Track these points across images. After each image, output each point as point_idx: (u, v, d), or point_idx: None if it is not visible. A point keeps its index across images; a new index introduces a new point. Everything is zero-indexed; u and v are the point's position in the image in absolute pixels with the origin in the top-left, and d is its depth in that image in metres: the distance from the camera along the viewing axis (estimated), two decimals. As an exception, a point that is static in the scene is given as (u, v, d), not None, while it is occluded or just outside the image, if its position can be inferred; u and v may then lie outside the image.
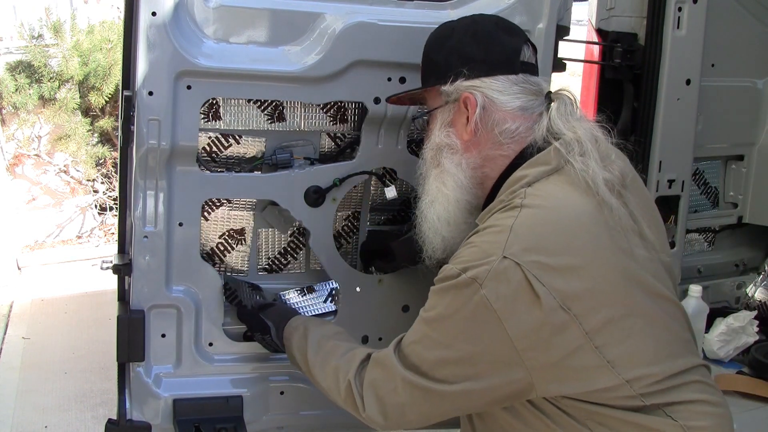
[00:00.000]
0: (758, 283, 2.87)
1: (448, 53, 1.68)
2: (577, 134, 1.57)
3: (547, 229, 1.48)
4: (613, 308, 1.46)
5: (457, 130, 1.66)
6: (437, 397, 1.53)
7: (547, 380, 1.47)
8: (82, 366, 4.33)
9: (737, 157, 2.79)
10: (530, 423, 1.54)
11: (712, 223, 2.84)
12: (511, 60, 1.64)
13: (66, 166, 6.58)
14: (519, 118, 1.62)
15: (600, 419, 1.49)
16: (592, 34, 2.54)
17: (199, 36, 1.84)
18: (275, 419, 2.13)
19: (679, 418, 1.48)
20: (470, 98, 1.62)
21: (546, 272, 1.42)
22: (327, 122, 2.06)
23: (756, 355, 2.46)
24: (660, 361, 1.50)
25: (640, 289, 1.51)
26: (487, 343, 1.45)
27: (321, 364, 1.76)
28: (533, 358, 1.44)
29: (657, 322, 1.53)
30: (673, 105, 2.44)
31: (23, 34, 6.16)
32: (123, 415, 2.00)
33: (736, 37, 2.61)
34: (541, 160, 1.57)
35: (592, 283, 1.45)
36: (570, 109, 1.63)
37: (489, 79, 1.62)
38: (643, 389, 1.47)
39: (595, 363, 1.45)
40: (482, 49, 1.65)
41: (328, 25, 1.89)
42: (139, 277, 1.95)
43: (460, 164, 1.65)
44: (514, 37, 1.68)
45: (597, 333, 1.44)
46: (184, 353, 2.03)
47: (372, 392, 1.61)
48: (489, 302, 1.42)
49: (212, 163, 2.04)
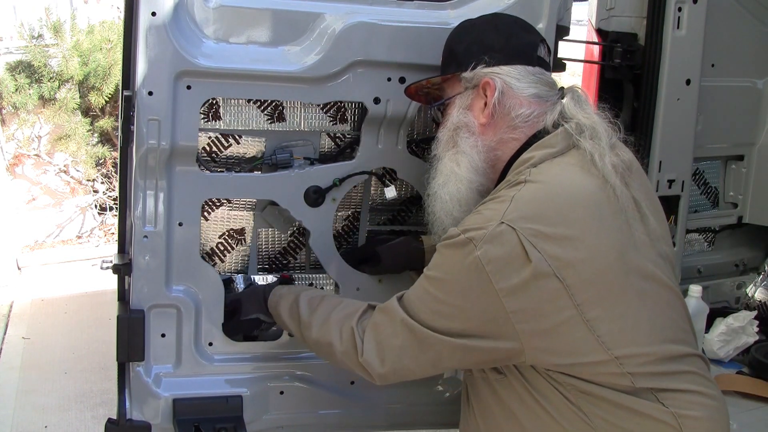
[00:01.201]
0: (758, 283, 2.87)
1: (470, 43, 1.76)
2: (591, 120, 1.66)
3: (546, 200, 1.54)
4: (608, 284, 1.51)
5: (474, 114, 1.73)
6: (432, 345, 1.59)
7: (536, 347, 1.51)
8: (82, 366, 4.33)
9: (737, 157, 2.79)
10: (525, 401, 1.60)
11: (712, 223, 2.84)
12: (529, 52, 1.73)
13: (66, 166, 6.58)
14: (534, 104, 1.70)
15: (591, 401, 1.52)
16: (592, 34, 2.54)
17: (199, 36, 1.84)
18: (275, 419, 2.13)
19: (670, 405, 1.51)
20: (490, 83, 1.70)
21: (541, 239, 1.47)
22: (327, 122, 2.06)
23: (756, 355, 2.46)
24: (653, 343, 1.53)
25: (638, 271, 1.55)
26: (478, 302, 1.52)
27: (319, 320, 1.79)
28: (523, 322, 1.49)
29: (653, 305, 1.56)
30: (673, 105, 2.44)
31: (23, 34, 6.16)
32: (123, 415, 2.00)
33: (736, 37, 2.61)
34: (547, 143, 1.64)
35: (587, 255, 1.49)
36: (584, 99, 1.73)
37: (508, 67, 1.71)
38: (633, 368, 1.50)
39: (584, 336, 1.49)
40: (503, 39, 1.74)
41: (328, 25, 1.89)
42: (139, 277, 1.95)
43: (476, 145, 1.71)
44: (532, 35, 1.78)
45: (589, 306, 1.48)
46: (184, 353, 2.03)
47: (372, 335, 1.68)
48: (482, 263, 1.49)
49: (212, 163, 2.04)
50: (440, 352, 1.60)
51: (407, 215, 2.26)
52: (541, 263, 1.46)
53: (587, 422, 1.53)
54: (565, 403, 1.55)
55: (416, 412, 2.25)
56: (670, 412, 1.50)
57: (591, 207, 1.54)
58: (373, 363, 1.67)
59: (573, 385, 1.54)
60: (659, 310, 1.57)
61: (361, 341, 1.69)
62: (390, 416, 2.24)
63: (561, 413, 1.56)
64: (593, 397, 1.53)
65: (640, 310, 1.53)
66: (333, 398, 2.15)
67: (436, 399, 2.26)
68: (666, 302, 1.60)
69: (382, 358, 1.66)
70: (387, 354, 1.65)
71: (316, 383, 2.14)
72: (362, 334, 1.69)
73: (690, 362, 1.58)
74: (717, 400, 1.59)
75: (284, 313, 1.89)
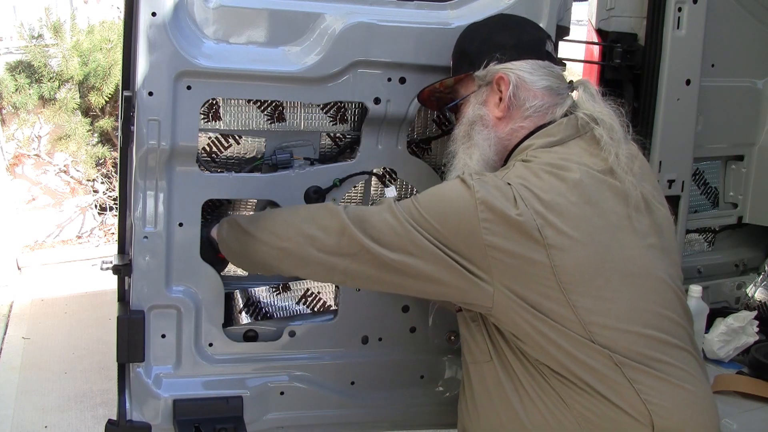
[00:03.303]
0: (758, 283, 2.87)
1: (481, 42, 1.82)
2: (603, 111, 1.72)
3: (543, 174, 1.60)
4: (589, 261, 1.55)
5: (489, 108, 1.78)
6: (410, 236, 1.60)
7: (505, 286, 1.56)
8: (82, 366, 4.33)
9: (737, 158, 2.79)
10: (507, 386, 1.66)
11: (712, 223, 2.83)
12: (538, 47, 1.80)
13: (66, 166, 6.58)
14: (546, 96, 1.75)
15: (568, 384, 1.57)
16: (592, 34, 2.54)
17: (199, 36, 1.84)
18: (275, 419, 2.13)
19: (644, 393, 1.53)
20: (504, 78, 1.75)
21: (533, 198, 1.55)
22: (327, 122, 2.06)
23: (756, 355, 2.45)
24: (630, 322, 1.56)
25: (627, 258, 1.59)
26: (458, 226, 1.57)
27: (273, 223, 1.77)
28: (496, 258, 1.55)
29: (636, 290, 1.58)
30: (673, 105, 2.44)
31: (23, 34, 6.16)
32: (123, 416, 2.00)
33: (736, 37, 2.60)
34: (549, 131, 1.70)
35: (572, 229, 1.54)
36: (595, 92, 1.78)
37: (519, 62, 1.76)
38: (604, 340, 1.54)
39: (557, 298, 1.54)
40: (513, 36, 1.80)
41: (328, 26, 1.89)
42: (139, 278, 1.95)
43: (489, 138, 1.77)
44: (540, 31, 1.86)
45: (566, 273, 1.53)
46: (184, 353, 2.03)
47: (359, 214, 1.67)
48: (475, 195, 1.55)
49: (212, 163, 2.04)
50: (415, 248, 1.60)
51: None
52: (527, 213, 1.53)
53: (563, 405, 1.57)
54: (544, 388, 1.60)
55: (416, 413, 2.25)
56: (641, 400, 1.52)
57: (587, 189, 1.59)
58: (355, 231, 1.64)
59: (553, 369, 1.58)
60: (643, 296, 1.59)
61: (347, 216, 1.67)
62: (390, 416, 2.24)
63: (540, 397, 1.60)
64: (569, 381, 1.56)
65: (620, 290, 1.57)
66: (333, 398, 2.16)
67: (436, 399, 2.26)
68: (654, 291, 1.62)
69: (363, 229, 1.64)
70: (368, 225, 1.65)
71: (316, 383, 2.14)
72: (349, 214, 1.68)
73: (675, 355, 1.59)
74: (698, 397, 1.59)
75: (228, 237, 1.87)
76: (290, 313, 2.20)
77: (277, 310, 2.19)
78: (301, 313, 2.20)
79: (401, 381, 2.23)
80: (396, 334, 2.19)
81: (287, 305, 2.20)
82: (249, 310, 2.17)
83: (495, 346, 1.68)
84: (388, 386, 2.22)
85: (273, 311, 2.19)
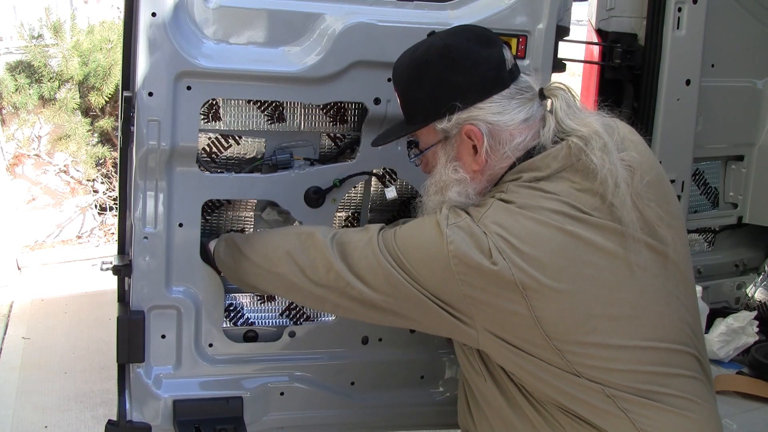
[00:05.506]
0: (758, 284, 2.87)
1: (433, 87, 1.59)
2: (592, 127, 1.54)
3: (522, 220, 1.48)
4: (574, 309, 1.47)
5: (464, 163, 1.61)
6: (390, 279, 1.56)
7: (487, 329, 1.51)
8: (82, 366, 4.33)
9: (737, 158, 2.79)
10: (503, 405, 1.64)
11: (712, 223, 2.84)
12: (499, 75, 1.57)
13: (66, 166, 6.58)
14: (524, 130, 1.57)
15: (560, 411, 1.53)
16: (592, 34, 2.54)
17: (199, 37, 1.84)
18: (275, 420, 2.13)
19: (639, 423, 1.48)
20: (474, 130, 1.56)
21: (511, 250, 1.45)
22: (327, 123, 2.06)
23: (756, 356, 2.46)
24: (620, 362, 1.49)
25: (620, 301, 1.50)
26: (435, 276, 1.51)
27: (270, 247, 1.75)
28: (477, 307, 1.49)
29: (628, 332, 1.50)
30: (673, 105, 2.44)
31: (23, 34, 6.16)
32: (123, 416, 2.00)
33: (736, 37, 2.61)
34: (535, 165, 1.55)
35: (555, 276, 1.46)
36: (572, 103, 1.60)
37: (484, 103, 1.56)
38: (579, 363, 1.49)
39: (542, 344, 1.48)
40: (467, 74, 1.56)
41: (328, 26, 1.89)
42: (139, 278, 1.95)
43: (466, 194, 1.61)
44: (493, 48, 1.59)
45: (549, 324, 1.46)
46: (184, 354, 2.03)
47: (344, 249, 1.64)
48: (448, 248, 1.48)
49: (212, 163, 2.04)
50: (394, 289, 1.57)
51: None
52: (504, 267, 1.44)
53: (561, 429, 1.55)
54: (541, 412, 1.57)
55: (416, 413, 2.25)
56: (636, 429, 1.48)
57: (561, 237, 1.48)
58: (331, 252, 1.62)
59: (550, 397, 1.54)
60: (636, 335, 1.51)
61: (330, 240, 1.65)
62: (390, 417, 2.24)
63: (537, 419, 1.57)
64: (561, 410, 1.53)
65: (609, 335, 1.49)
66: (333, 399, 2.16)
67: (436, 399, 2.26)
68: (650, 327, 1.53)
69: (342, 251, 1.62)
70: (346, 248, 1.62)
71: (317, 384, 2.14)
72: (332, 240, 1.66)
73: (674, 385, 1.52)
74: (699, 424, 1.52)
75: (223, 254, 1.88)
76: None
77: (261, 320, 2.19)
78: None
79: (401, 381, 2.23)
80: (396, 334, 2.19)
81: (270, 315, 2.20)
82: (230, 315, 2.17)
83: (489, 368, 1.66)
84: (388, 386, 2.22)
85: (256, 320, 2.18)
